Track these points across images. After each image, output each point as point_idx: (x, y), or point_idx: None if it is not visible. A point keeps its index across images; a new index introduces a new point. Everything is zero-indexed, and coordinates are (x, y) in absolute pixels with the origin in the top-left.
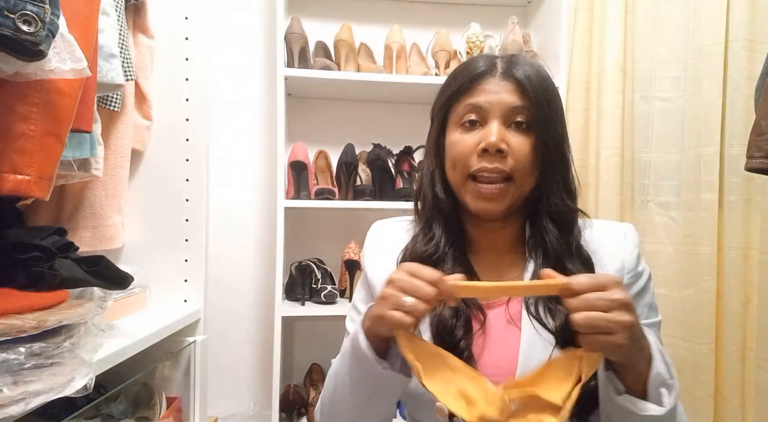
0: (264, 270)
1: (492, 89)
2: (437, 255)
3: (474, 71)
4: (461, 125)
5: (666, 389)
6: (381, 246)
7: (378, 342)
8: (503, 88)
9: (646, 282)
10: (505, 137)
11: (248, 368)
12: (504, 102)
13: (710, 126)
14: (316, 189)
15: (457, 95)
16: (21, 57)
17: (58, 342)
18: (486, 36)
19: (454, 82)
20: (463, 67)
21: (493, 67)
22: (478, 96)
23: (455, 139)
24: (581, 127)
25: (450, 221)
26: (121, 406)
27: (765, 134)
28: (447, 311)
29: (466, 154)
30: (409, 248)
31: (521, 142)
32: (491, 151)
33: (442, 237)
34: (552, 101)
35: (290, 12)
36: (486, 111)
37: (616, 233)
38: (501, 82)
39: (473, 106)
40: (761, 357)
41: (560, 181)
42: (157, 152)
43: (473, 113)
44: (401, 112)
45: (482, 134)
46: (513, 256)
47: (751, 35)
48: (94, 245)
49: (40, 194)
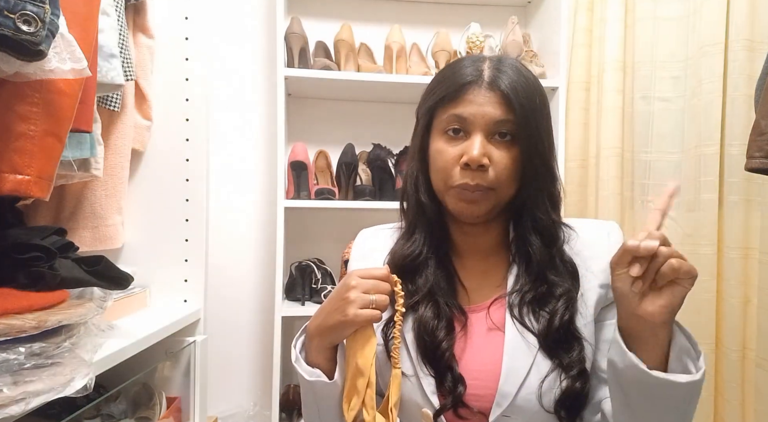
0: (264, 270)
1: (477, 100)
2: (421, 258)
3: (460, 80)
4: (445, 133)
5: (688, 358)
6: (366, 255)
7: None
8: (488, 99)
9: None
10: (487, 151)
11: (248, 368)
12: (488, 115)
13: (710, 126)
14: (316, 189)
15: (442, 102)
16: (21, 57)
17: (58, 342)
18: (486, 36)
19: (440, 88)
20: (449, 72)
21: (479, 77)
22: (462, 107)
23: (439, 147)
24: (581, 127)
25: (434, 224)
26: (121, 406)
27: (765, 134)
28: (428, 312)
29: (448, 165)
30: (394, 251)
31: (503, 155)
32: (473, 166)
33: (426, 241)
34: (538, 112)
35: (290, 12)
36: (470, 123)
37: (599, 232)
38: (486, 94)
39: (457, 116)
40: (761, 357)
41: (545, 194)
42: (157, 152)
43: (457, 123)
44: (401, 112)
45: (465, 147)
46: (497, 258)
47: (751, 35)
48: (94, 245)
49: (40, 194)
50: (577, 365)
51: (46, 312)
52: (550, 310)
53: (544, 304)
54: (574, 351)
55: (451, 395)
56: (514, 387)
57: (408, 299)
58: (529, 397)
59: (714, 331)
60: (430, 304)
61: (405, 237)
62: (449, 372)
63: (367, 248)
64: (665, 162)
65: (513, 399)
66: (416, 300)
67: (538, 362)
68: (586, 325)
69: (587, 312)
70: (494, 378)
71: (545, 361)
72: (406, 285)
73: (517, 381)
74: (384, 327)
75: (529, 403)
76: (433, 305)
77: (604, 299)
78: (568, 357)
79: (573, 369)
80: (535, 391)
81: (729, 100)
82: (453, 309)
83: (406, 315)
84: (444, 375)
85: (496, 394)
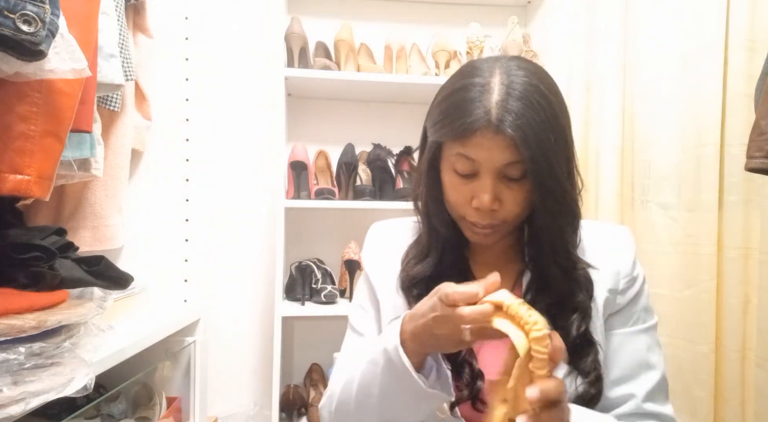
0: (264, 270)
1: (484, 144)
2: (437, 275)
3: (467, 118)
4: (454, 170)
5: None
6: (381, 247)
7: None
8: (496, 143)
9: (641, 286)
10: (498, 194)
11: (248, 368)
12: (496, 159)
13: (710, 126)
14: (316, 189)
15: (449, 138)
16: (21, 57)
17: (58, 342)
18: (486, 36)
19: (447, 122)
20: (455, 101)
21: (486, 116)
22: (470, 149)
23: (450, 181)
24: (581, 127)
25: (447, 244)
26: (121, 406)
27: (765, 134)
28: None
29: (459, 204)
30: (412, 248)
31: (515, 194)
32: (483, 211)
33: (441, 260)
34: (551, 147)
35: (290, 12)
36: (479, 164)
37: (611, 237)
38: (494, 137)
39: (465, 157)
40: (761, 357)
41: (564, 225)
42: (157, 152)
43: (466, 163)
44: (401, 112)
45: (475, 188)
46: (511, 264)
47: (751, 35)
48: (94, 245)
49: (40, 194)
50: (593, 371)
51: (46, 312)
52: (565, 324)
53: (558, 317)
54: (589, 357)
55: (468, 388)
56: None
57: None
58: None
59: (714, 331)
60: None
61: (419, 257)
62: (467, 366)
63: (382, 243)
64: (665, 162)
65: None
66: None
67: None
68: (598, 328)
69: (598, 315)
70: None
71: (561, 366)
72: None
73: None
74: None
75: None
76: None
77: (612, 304)
78: (583, 363)
79: (590, 375)
80: None
81: (729, 100)
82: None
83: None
84: (461, 368)
85: None
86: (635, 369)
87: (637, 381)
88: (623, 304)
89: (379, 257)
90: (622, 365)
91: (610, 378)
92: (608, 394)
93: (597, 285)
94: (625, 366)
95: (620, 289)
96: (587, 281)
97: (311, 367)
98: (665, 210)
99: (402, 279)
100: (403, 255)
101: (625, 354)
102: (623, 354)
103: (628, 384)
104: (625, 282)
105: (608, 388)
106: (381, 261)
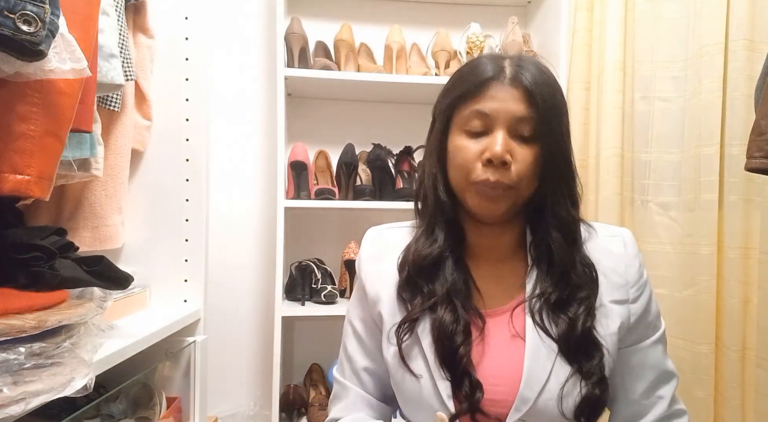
0: (264, 270)
1: (499, 96)
2: (440, 258)
3: (481, 76)
4: (465, 131)
5: None
6: (376, 254)
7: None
8: (511, 95)
9: (651, 291)
10: (510, 147)
11: (248, 368)
12: (510, 111)
13: (710, 126)
14: (316, 189)
15: (463, 99)
16: (21, 57)
17: (58, 342)
18: (486, 36)
19: (460, 84)
20: (469, 68)
21: (501, 72)
22: (484, 102)
23: (459, 144)
24: (581, 127)
25: (451, 224)
26: (121, 406)
27: (765, 134)
28: (447, 316)
29: (469, 162)
30: (411, 248)
31: (525, 153)
32: (495, 162)
33: (446, 240)
34: (559, 109)
35: (290, 12)
36: (492, 119)
37: (616, 242)
38: (509, 89)
39: (479, 112)
40: (761, 357)
41: (566, 191)
42: (157, 152)
43: (478, 120)
44: (401, 112)
45: (487, 143)
46: (513, 263)
47: (751, 35)
48: (94, 245)
49: (40, 194)
50: (598, 372)
51: (46, 312)
52: (571, 315)
53: (565, 308)
54: (594, 359)
55: (467, 400)
56: (534, 393)
57: (427, 302)
58: (548, 402)
59: (714, 331)
60: (448, 308)
61: (424, 236)
62: (466, 378)
63: (379, 246)
64: (665, 162)
65: (533, 404)
66: (434, 302)
67: (557, 367)
68: (607, 337)
69: (608, 323)
70: (512, 384)
71: (564, 366)
72: (426, 286)
73: (537, 386)
74: (398, 329)
75: (548, 408)
76: (451, 309)
77: (627, 321)
78: (588, 364)
79: (593, 377)
80: (554, 396)
81: (729, 100)
82: (471, 313)
83: (422, 317)
84: (461, 380)
85: (516, 399)
86: (660, 376)
87: (665, 387)
88: (639, 313)
89: (375, 264)
90: (649, 377)
91: (637, 392)
92: (642, 401)
93: (608, 295)
94: (652, 378)
95: (631, 299)
96: (592, 274)
97: (311, 367)
98: (665, 210)
99: (400, 264)
100: (400, 257)
101: (649, 368)
102: (647, 366)
103: (657, 390)
104: (635, 291)
105: (640, 399)
106: (376, 269)
